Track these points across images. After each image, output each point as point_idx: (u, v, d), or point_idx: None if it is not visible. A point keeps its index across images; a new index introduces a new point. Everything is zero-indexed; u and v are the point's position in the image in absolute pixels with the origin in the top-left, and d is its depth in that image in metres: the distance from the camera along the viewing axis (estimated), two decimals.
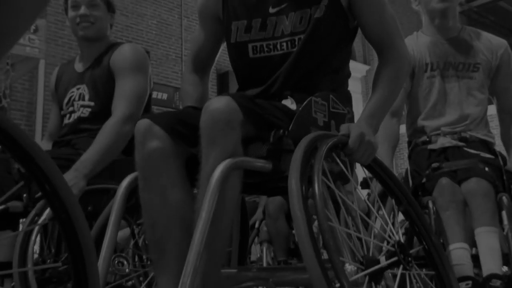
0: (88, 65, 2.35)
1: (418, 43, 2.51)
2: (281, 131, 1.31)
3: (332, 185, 1.18)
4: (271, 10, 1.55)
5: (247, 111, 1.25)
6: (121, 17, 9.19)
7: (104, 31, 2.37)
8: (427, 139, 2.41)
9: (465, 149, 2.30)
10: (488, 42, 2.48)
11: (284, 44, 1.53)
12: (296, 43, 1.52)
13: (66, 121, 2.32)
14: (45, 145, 2.39)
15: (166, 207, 1.31)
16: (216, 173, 1.15)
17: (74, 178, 1.93)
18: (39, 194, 1.81)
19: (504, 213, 2.05)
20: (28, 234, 1.76)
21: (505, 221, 2.04)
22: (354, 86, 12.64)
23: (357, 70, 12.82)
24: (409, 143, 2.51)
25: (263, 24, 1.56)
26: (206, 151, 1.23)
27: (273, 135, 1.30)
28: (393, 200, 1.46)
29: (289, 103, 1.46)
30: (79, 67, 2.40)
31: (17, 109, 7.73)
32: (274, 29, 1.54)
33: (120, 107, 2.14)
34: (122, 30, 9.15)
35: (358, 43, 12.86)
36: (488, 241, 1.92)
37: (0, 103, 5.56)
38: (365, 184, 1.97)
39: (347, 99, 1.59)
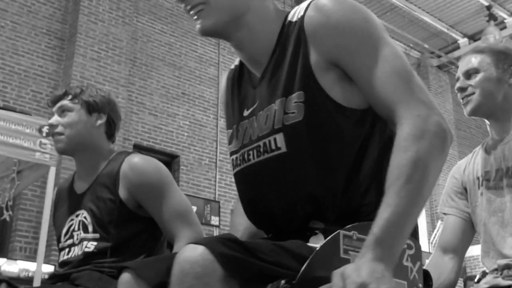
0: (88, 185, 2.19)
1: (475, 158, 2.23)
2: (283, 282, 1.12)
3: None
4: (245, 113, 1.43)
5: (231, 262, 1.09)
6: (149, 116, 9.38)
7: (85, 140, 2.18)
8: (480, 277, 2.12)
9: None
10: None
11: (251, 152, 1.38)
12: (262, 150, 1.35)
13: (63, 257, 2.16)
14: None
15: None
16: None
17: None
18: None
19: None
20: None
21: None
22: None
23: None
24: None
25: (237, 131, 1.45)
26: None
27: None
28: None
29: (320, 240, 1.24)
30: (78, 187, 2.24)
31: (24, 219, 7.75)
32: (244, 135, 1.42)
33: (183, 233, 2.04)
34: (149, 131, 9.30)
35: None
36: None
37: (2, 216, 5.51)
38: None
39: None
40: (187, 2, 1.36)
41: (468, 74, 2.15)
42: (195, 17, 1.37)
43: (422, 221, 12.26)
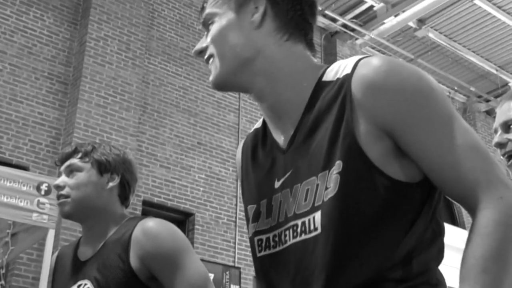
0: (93, 252, 2.18)
1: None
2: None
3: None
4: (276, 184, 1.39)
5: None
6: (161, 169, 9.35)
7: (94, 204, 2.18)
8: None
9: None
10: None
11: (288, 233, 1.34)
12: (299, 230, 1.31)
13: None
14: None
15: None
16: None
17: None
18: None
19: None
20: None
21: None
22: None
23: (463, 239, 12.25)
24: None
25: (268, 206, 1.40)
26: None
27: None
28: None
29: None
30: (82, 253, 2.23)
31: (18, 286, 7.74)
32: (279, 212, 1.37)
33: None
34: (161, 185, 9.26)
35: None
36: None
37: None
38: None
39: None
40: (202, 56, 1.45)
41: (507, 126, 2.10)
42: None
43: None
